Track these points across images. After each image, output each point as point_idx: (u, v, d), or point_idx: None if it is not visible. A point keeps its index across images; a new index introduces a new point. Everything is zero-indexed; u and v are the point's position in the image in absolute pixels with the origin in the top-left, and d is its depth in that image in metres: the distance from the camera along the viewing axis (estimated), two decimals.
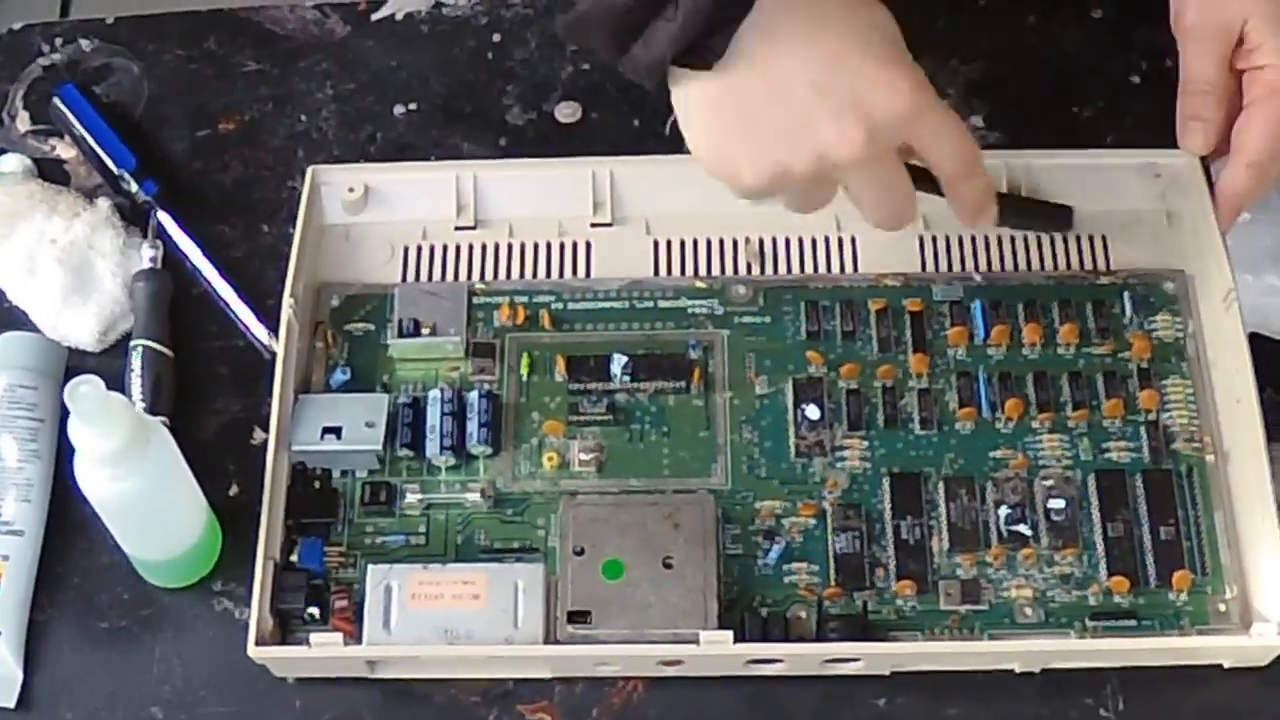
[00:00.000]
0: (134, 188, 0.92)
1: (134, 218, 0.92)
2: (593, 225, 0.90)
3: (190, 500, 0.80)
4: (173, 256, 0.91)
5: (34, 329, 0.89)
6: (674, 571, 0.79)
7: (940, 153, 0.77)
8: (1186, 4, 0.86)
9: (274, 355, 0.85)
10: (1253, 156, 0.83)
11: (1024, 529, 0.81)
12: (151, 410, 0.85)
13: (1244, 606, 0.79)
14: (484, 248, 0.90)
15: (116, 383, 0.74)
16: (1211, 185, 0.86)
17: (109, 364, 0.88)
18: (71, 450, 0.74)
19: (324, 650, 0.77)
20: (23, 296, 0.90)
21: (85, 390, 0.72)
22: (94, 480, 0.75)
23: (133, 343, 0.87)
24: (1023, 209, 0.88)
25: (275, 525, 0.80)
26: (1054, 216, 0.88)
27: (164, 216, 0.91)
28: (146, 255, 0.90)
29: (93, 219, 0.91)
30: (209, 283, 0.90)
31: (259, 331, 0.88)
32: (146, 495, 0.76)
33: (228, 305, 0.89)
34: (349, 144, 0.96)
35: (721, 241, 0.89)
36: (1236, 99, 0.84)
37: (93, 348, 0.88)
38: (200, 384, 0.87)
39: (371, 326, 0.87)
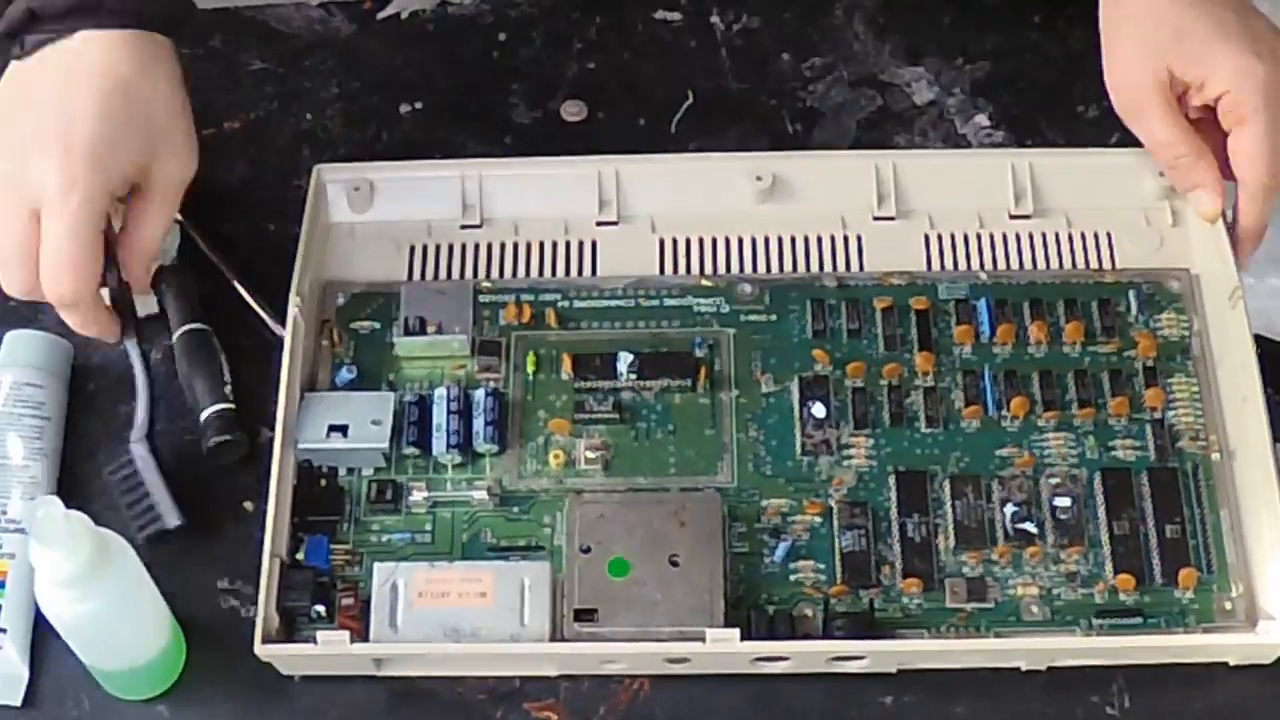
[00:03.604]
0: None
1: None
2: (598, 224, 0.90)
3: (154, 614, 0.78)
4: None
5: (40, 325, 0.88)
6: (680, 569, 0.79)
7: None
8: (1112, 86, 0.85)
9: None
10: (1255, 184, 0.82)
11: (1030, 527, 0.81)
12: (225, 397, 0.84)
13: (1250, 604, 0.79)
14: (490, 246, 0.90)
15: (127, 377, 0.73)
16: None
17: (112, 362, 0.88)
18: (78, 447, 0.74)
19: (330, 648, 0.77)
20: None
21: (45, 512, 0.69)
22: (56, 603, 0.72)
23: (181, 330, 0.86)
24: None
25: (281, 523, 0.80)
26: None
27: None
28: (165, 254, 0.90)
29: None
30: (216, 280, 0.90)
31: (272, 323, 0.88)
32: (110, 614, 0.73)
33: (239, 298, 0.89)
34: (354, 142, 0.96)
35: (727, 240, 0.89)
36: (1210, 135, 0.84)
37: None
38: None
39: (377, 325, 0.87)
